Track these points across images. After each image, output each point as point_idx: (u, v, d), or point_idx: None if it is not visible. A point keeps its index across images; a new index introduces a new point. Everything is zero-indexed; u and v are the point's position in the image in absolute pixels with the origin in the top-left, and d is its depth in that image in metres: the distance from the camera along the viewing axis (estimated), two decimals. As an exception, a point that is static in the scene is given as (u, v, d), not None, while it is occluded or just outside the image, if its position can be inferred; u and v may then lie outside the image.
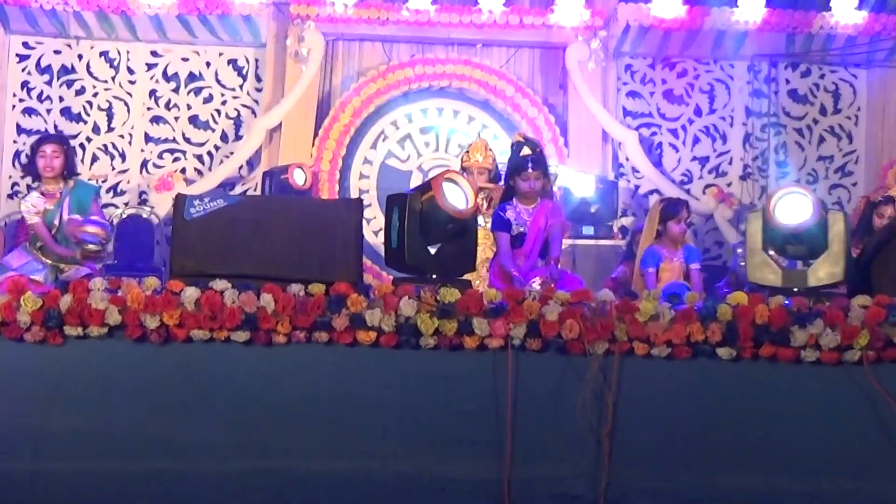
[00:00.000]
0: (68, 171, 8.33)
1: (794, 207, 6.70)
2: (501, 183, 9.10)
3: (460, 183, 6.74)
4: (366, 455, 6.15)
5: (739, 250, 10.71)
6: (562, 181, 12.45)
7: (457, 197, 6.67)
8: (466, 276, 6.87)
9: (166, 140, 13.85)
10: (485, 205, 9.16)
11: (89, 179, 13.42)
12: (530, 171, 8.43)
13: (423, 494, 6.13)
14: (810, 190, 6.87)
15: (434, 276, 6.56)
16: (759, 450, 6.25)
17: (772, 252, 6.82)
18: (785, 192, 6.80)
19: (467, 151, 9.63)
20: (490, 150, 9.50)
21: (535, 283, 7.50)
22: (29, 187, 12.95)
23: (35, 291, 6.25)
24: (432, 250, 6.72)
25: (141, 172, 13.79)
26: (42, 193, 8.33)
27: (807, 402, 6.31)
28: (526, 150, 8.60)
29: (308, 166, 12.81)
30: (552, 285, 7.45)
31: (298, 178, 12.55)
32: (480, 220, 8.57)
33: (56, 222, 8.14)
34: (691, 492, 6.19)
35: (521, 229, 8.42)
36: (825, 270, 6.73)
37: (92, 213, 8.33)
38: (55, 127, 13.54)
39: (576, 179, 12.60)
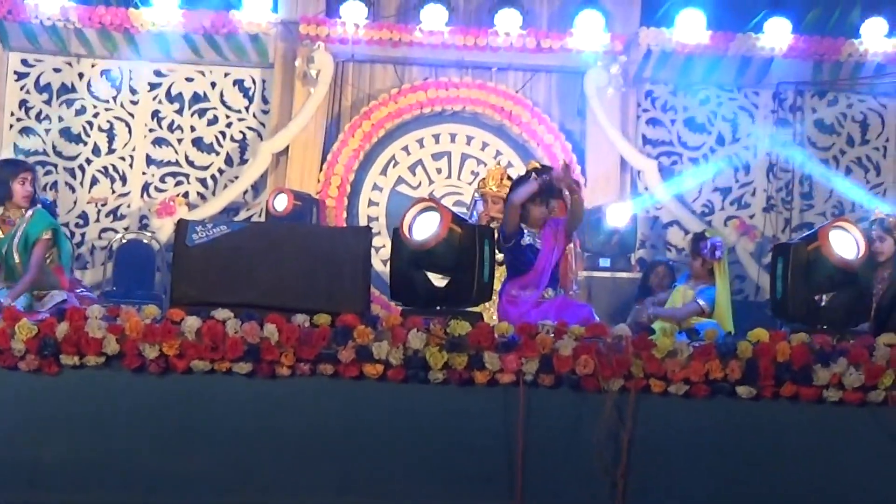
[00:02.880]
0: (33, 200, 8.28)
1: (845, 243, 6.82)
2: None
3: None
4: (371, 493, 6.17)
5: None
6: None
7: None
8: (477, 308, 6.91)
9: (169, 163, 13.87)
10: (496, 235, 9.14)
11: (88, 202, 13.50)
12: (552, 200, 8.41)
13: (429, 534, 6.16)
14: None
15: (443, 308, 6.60)
16: (780, 493, 6.27)
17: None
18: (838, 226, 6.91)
19: (483, 178, 9.67)
20: (508, 178, 9.45)
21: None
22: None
23: None
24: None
25: (142, 196, 13.81)
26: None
27: (829, 444, 6.33)
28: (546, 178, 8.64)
29: (290, 191, 12.78)
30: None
31: (279, 204, 12.49)
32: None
33: (3, 251, 8.07)
34: (709, 535, 6.22)
35: (534, 244, 8.34)
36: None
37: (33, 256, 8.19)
38: (53, 148, 13.59)
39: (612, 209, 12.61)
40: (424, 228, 6.77)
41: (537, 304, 8.07)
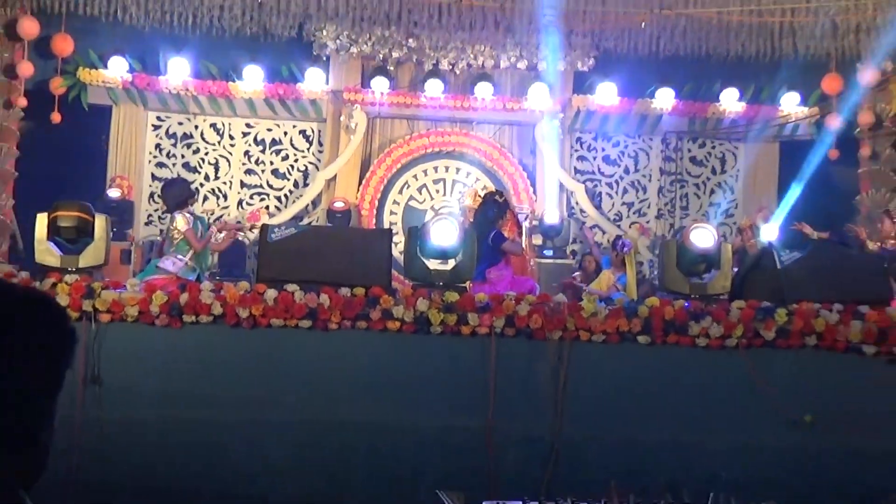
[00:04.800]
0: None
1: (702, 237, 6.80)
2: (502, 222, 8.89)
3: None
4: (392, 410, 6.16)
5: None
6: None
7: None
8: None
9: (256, 186, 13.84)
10: None
11: (201, 212, 13.48)
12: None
13: (431, 437, 6.15)
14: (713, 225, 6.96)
15: (441, 284, 6.58)
16: (667, 410, 6.28)
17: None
18: (696, 226, 6.93)
19: (462, 196, 9.68)
20: (478, 196, 9.50)
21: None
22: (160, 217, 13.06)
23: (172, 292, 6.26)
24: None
25: (238, 208, 13.78)
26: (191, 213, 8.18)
27: (700, 376, 6.34)
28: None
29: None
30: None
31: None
32: None
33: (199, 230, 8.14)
34: (619, 439, 6.21)
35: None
36: (720, 283, 6.82)
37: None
38: (178, 176, 13.54)
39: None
40: (440, 232, 6.69)
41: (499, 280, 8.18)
